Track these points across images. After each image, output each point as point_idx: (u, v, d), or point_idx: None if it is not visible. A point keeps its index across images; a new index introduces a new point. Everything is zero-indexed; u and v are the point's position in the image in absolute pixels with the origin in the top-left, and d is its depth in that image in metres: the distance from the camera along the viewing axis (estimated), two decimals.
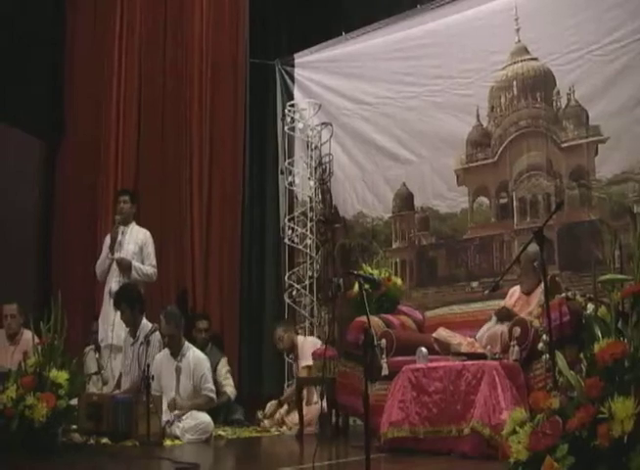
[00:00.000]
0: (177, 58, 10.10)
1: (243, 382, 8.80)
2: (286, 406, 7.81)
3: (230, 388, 8.16)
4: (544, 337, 5.39)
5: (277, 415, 7.78)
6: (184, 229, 9.63)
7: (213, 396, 7.10)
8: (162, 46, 10.25)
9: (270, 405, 7.94)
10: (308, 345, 7.82)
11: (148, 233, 8.21)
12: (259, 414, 7.91)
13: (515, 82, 7.97)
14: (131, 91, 10.34)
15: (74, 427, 6.37)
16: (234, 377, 8.44)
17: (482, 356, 5.76)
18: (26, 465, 5.46)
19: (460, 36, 8.37)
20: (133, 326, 7.41)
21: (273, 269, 9.53)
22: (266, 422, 7.79)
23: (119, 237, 8.00)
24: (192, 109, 9.84)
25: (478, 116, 8.19)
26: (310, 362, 7.42)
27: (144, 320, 7.46)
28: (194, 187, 9.66)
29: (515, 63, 7.96)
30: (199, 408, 6.91)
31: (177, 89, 10.05)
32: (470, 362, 5.62)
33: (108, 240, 8.12)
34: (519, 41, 7.93)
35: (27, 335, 7.77)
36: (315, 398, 7.61)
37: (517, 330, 5.71)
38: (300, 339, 8.09)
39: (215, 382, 7.53)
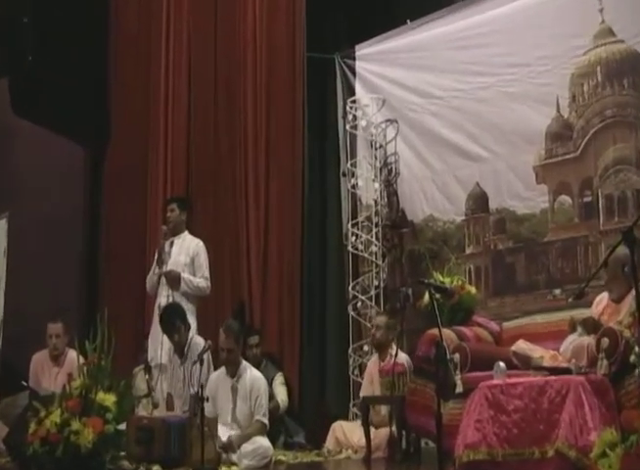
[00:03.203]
0: (229, 54, 10.14)
1: (304, 402, 8.76)
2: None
3: (281, 396, 8.10)
4: (636, 349, 5.22)
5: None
6: (240, 238, 9.65)
7: (266, 421, 7.03)
8: (213, 43, 10.29)
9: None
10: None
11: (200, 243, 8.22)
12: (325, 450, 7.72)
13: (599, 68, 7.80)
14: (180, 92, 10.40)
15: (123, 453, 6.36)
16: (294, 396, 8.40)
17: (567, 371, 5.61)
18: None
19: (535, 20, 8.23)
20: (180, 345, 7.42)
21: (336, 279, 9.47)
22: (330, 445, 7.69)
23: (167, 248, 8.01)
24: (246, 109, 9.85)
25: (557, 106, 8.05)
26: None
27: (197, 337, 7.48)
28: (249, 193, 9.67)
29: (598, 46, 7.78)
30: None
31: (230, 88, 10.08)
32: (553, 378, 5.48)
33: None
34: (602, 22, 7.75)
35: (72, 355, 7.80)
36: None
37: (605, 341, 5.55)
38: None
39: (271, 398, 7.51)
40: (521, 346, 6.34)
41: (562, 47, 7.98)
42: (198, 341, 7.41)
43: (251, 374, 7.14)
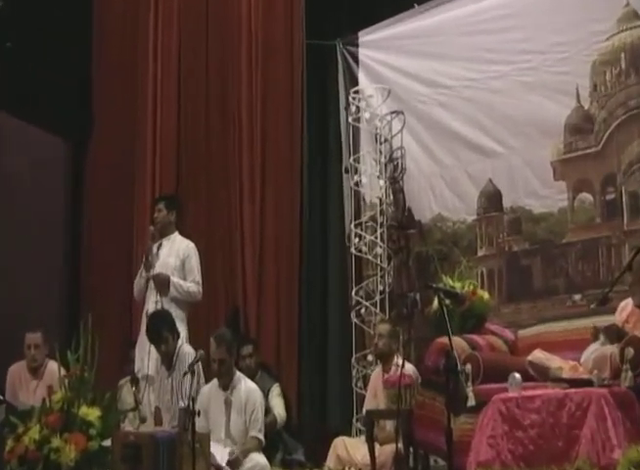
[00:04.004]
0: (222, 42, 10.16)
1: (303, 416, 8.81)
2: None
3: (278, 409, 8.07)
4: None
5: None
6: (234, 239, 9.67)
7: (262, 437, 7.02)
8: (205, 28, 10.32)
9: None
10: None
11: (191, 245, 8.22)
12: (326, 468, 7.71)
13: (623, 54, 7.78)
14: (169, 83, 10.41)
15: None
16: (292, 410, 8.40)
17: (588, 383, 5.59)
18: None
19: (554, 3, 8.25)
20: (167, 355, 7.42)
21: (338, 284, 9.49)
22: (331, 463, 7.66)
23: (155, 250, 8.00)
24: (240, 100, 9.87)
25: (577, 96, 8.04)
26: None
27: (186, 346, 7.47)
28: (244, 192, 9.69)
29: (622, 31, 7.77)
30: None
31: (223, 78, 10.10)
32: (573, 390, 5.45)
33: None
34: (627, 5, 7.74)
35: (52, 366, 7.81)
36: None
37: (630, 351, 5.53)
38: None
39: (267, 412, 7.52)
40: (537, 355, 6.30)
41: (582, 32, 7.97)
42: (187, 350, 7.41)
43: (246, 386, 7.13)
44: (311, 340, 9.28)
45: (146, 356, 7.72)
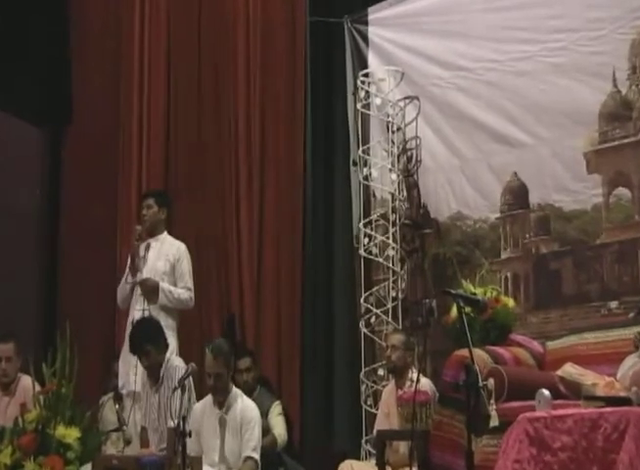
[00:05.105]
0: (216, 19, 10.18)
1: (307, 437, 8.80)
2: None
3: (279, 429, 8.07)
4: None
5: None
6: (229, 240, 9.67)
7: (257, 457, 6.99)
8: (197, 6, 10.37)
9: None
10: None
11: (183, 247, 8.25)
12: None
13: None
14: (157, 66, 10.47)
15: None
16: (294, 430, 8.44)
17: (626, 401, 5.56)
18: None
19: None
20: (151, 369, 7.41)
21: (345, 289, 9.44)
22: None
23: (142, 253, 8.00)
24: (236, 83, 9.89)
25: (614, 80, 8.00)
26: None
27: (175, 359, 7.48)
28: (241, 185, 9.71)
29: None
30: None
31: (217, 58, 10.14)
32: (609, 409, 5.41)
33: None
34: None
35: (25, 381, 7.82)
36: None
37: None
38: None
39: (267, 432, 7.55)
40: (569, 370, 6.30)
41: (620, 7, 7.91)
42: (176, 363, 7.40)
43: (243, 404, 7.13)
44: (316, 352, 9.26)
45: (131, 371, 7.71)
